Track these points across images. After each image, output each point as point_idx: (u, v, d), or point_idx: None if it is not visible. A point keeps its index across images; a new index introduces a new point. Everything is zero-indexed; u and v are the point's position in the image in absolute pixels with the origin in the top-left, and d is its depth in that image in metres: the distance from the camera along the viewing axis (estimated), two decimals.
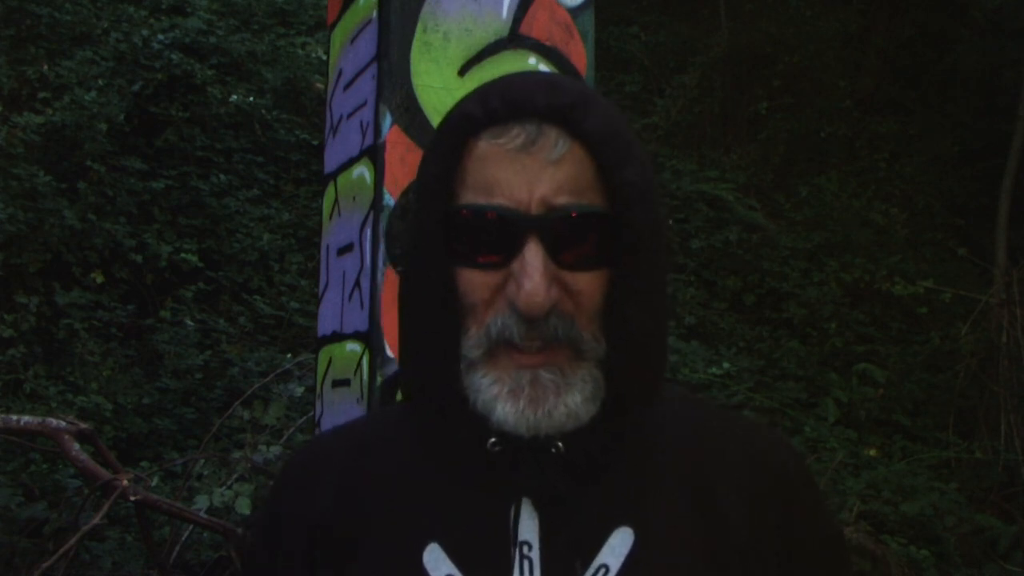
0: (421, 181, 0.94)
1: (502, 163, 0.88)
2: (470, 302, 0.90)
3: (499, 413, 0.88)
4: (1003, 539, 5.42)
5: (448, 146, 0.91)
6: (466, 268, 0.90)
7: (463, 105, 0.93)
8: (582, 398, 0.89)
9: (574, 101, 0.89)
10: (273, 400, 4.97)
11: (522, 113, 0.89)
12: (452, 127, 0.92)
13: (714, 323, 7.79)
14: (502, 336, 0.88)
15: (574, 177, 0.88)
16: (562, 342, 0.88)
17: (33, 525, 4.44)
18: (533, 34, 2.40)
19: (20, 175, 6.29)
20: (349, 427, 1.10)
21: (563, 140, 0.88)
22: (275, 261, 7.22)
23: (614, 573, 0.89)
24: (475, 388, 0.89)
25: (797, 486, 1.01)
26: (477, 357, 0.89)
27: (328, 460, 1.03)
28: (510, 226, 0.87)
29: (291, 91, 8.09)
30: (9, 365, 5.92)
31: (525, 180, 0.87)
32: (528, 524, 0.90)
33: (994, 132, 9.24)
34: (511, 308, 0.87)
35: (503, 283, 0.88)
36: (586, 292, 0.89)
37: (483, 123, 0.89)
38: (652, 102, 9.74)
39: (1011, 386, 6.72)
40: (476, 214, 0.88)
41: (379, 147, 2.27)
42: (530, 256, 0.86)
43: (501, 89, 0.91)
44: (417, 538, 0.92)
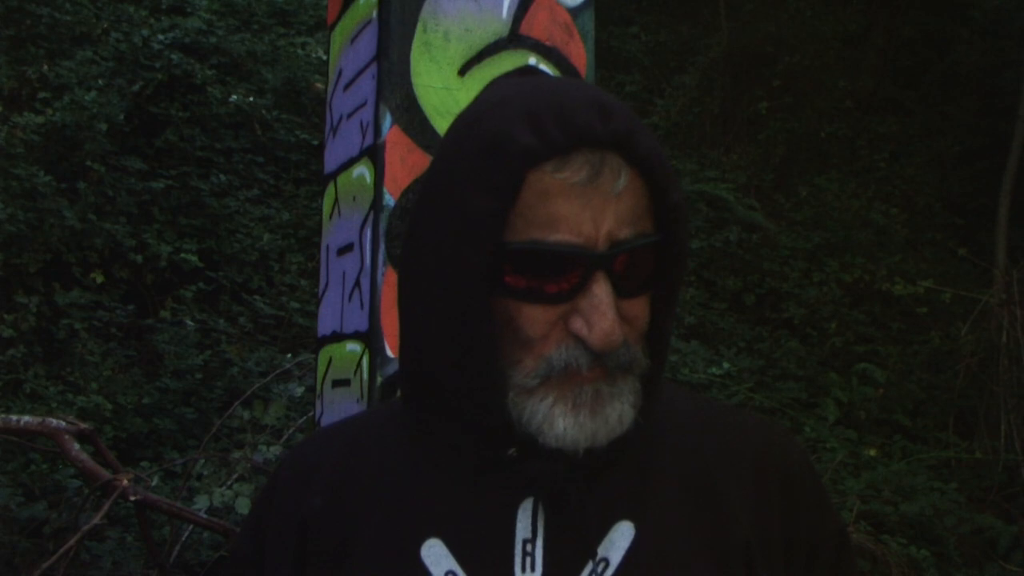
0: (461, 211, 0.87)
1: (566, 197, 0.85)
2: (524, 335, 0.88)
3: (559, 427, 0.87)
4: (1003, 539, 5.42)
5: (503, 180, 0.85)
6: (523, 303, 0.88)
7: (512, 131, 0.85)
8: (630, 405, 0.90)
9: (630, 127, 0.87)
10: (273, 400, 4.98)
11: (583, 143, 0.85)
12: (504, 157, 0.85)
13: (714, 323, 7.79)
14: (569, 368, 0.87)
15: (632, 207, 0.88)
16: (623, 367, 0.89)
17: (33, 525, 4.44)
18: (533, 34, 2.40)
19: (20, 175, 6.30)
20: (344, 424, 1.10)
21: (624, 170, 0.87)
22: (275, 261, 7.22)
23: (614, 567, 0.89)
24: (531, 410, 0.88)
25: (801, 482, 1.01)
26: (534, 385, 0.88)
27: (323, 457, 1.02)
28: (578, 263, 0.86)
29: (291, 91, 8.09)
30: (9, 365, 5.92)
31: (591, 216, 0.85)
32: (530, 521, 0.90)
33: (994, 132, 9.24)
34: (576, 341, 0.87)
35: (563, 316, 0.87)
36: (640, 316, 0.90)
37: (542, 156, 0.85)
38: (652, 102, 9.74)
39: (1011, 386, 6.72)
40: (543, 252, 0.86)
41: (379, 147, 2.27)
42: (601, 293, 0.85)
43: (552, 112, 0.86)
44: (415, 533, 0.92)
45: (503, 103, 0.90)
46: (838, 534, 1.04)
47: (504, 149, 0.85)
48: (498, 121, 0.87)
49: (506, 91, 0.92)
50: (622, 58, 10.05)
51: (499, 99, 0.91)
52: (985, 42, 10.02)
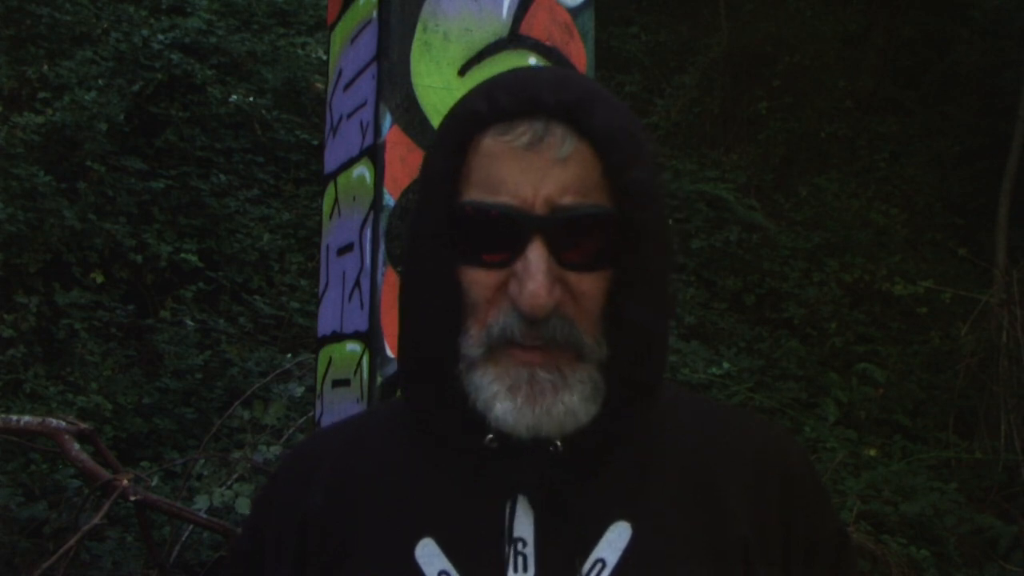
0: (425, 177, 0.93)
1: (508, 160, 0.87)
2: (472, 301, 0.89)
3: (498, 411, 0.87)
4: (1003, 539, 5.42)
5: (453, 142, 0.89)
6: (469, 266, 0.89)
7: (470, 100, 0.92)
8: (580, 398, 0.88)
9: (581, 98, 0.88)
10: (273, 400, 4.98)
11: (530, 110, 0.87)
12: (458, 122, 0.91)
13: (714, 323, 7.79)
14: (503, 335, 0.87)
15: (580, 176, 0.87)
16: (561, 344, 0.87)
17: (33, 525, 4.44)
18: (533, 34, 2.40)
19: (20, 175, 6.30)
20: (345, 424, 1.10)
21: (570, 138, 0.87)
22: (275, 261, 7.22)
23: (611, 567, 0.89)
24: (475, 387, 0.89)
25: (801, 481, 1.00)
26: (477, 356, 0.88)
27: (322, 456, 1.02)
28: (514, 225, 0.86)
29: (291, 91, 8.09)
30: (9, 365, 5.92)
31: (531, 179, 0.86)
32: (523, 521, 0.90)
33: (994, 132, 9.24)
34: (513, 308, 0.86)
35: (506, 282, 0.87)
36: (589, 293, 0.88)
37: (489, 119, 0.88)
38: (652, 102, 9.74)
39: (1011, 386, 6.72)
40: (480, 211, 0.87)
41: (379, 147, 2.27)
42: (533, 256, 0.85)
43: (509, 85, 0.90)
44: (410, 533, 0.92)
45: (480, 84, 0.95)
46: (838, 534, 1.03)
47: (458, 115, 0.92)
48: (465, 96, 0.94)
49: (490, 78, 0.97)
50: (622, 58, 10.05)
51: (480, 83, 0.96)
52: (985, 42, 10.02)
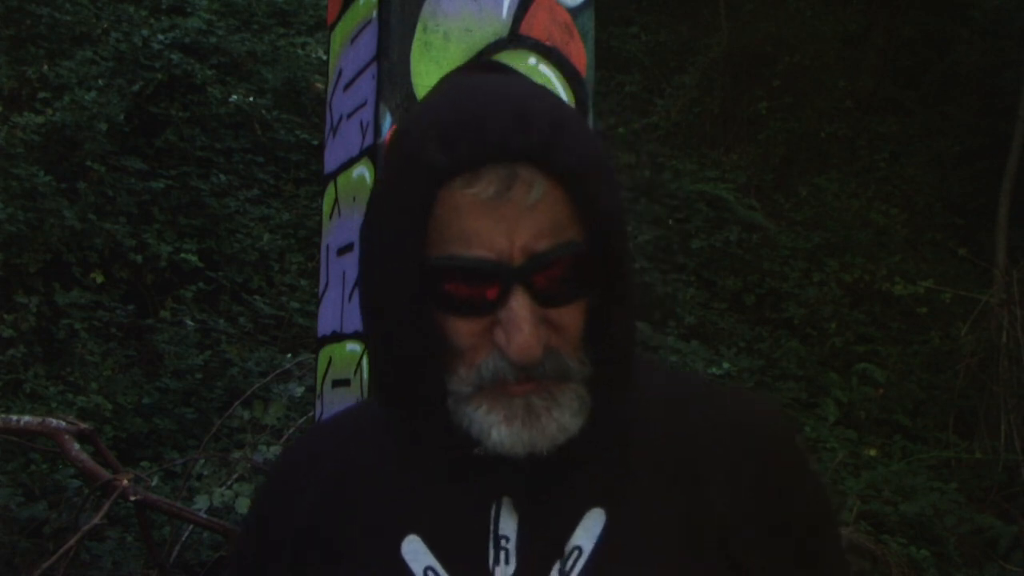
0: (385, 231, 0.89)
1: (476, 213, 0.85)
2: (456, 345, 0.89)
3: (495, 438, 0.88)
4: (1003, 539, 5.43)
5: (416, 199, 0.86)
6: (451, 316, 0.88)
7: (423, 146, 0.85)
8: (570, 414, 0.89)
9: (547, 139, 0.85)
10: (273, 400, 4.98)
11: (492, 157, 0.84)
12: (416, 177, 0.85)
13: (714, 323, 7.79)
14: (495, 377, 0.88)
15: (551, 218, 0.86)
16: (551, 375, 0.89)
17: (33, 525, 4.44)
18: (533, 34, 2.40)
19: (20, 175, 6.29)
20: (341, 417, 1.11)
21: (538, 182, 0.85)
22: (275, 261, 7.22)
23: (587, 554, 0.90)
24: (468, 418, 0.90)
25: (780, 457, 0.99)
26: (468, 393, 0.89)
27: (320, 452, 1.04)
28: (494, 278, 0.85)
29: (291, 91, 8.09)
30: (9, 365, 5.92)
31: (504, 230, 0.84)
32: (507, 519, 0.92)
33: (994, 132, 9.24)
34: (500, 352, 0.87)
35: (489, 327, 0.88)
36: (570, 325, 0.89)
37: (451, 172, 0.85)
38: (652, 102, 9.74)
39: (1011, 386, 6.72)
40: (456, 268, 0.86)
41: (379, 147, 2.27)
42: (517, 307, 0.85)
43: (465, 129, 0.85)
44: (396, 530, 0.94)
45: (422, 115, 0.90)
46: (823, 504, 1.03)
47: (416, 168, 0.86)
48: (414, 137, 0.87)
49: (431, 102, 0.92)
50: (622, 58, 10.05)
51: (421, 111, 0.91)
52: (985, 42, 10.02)
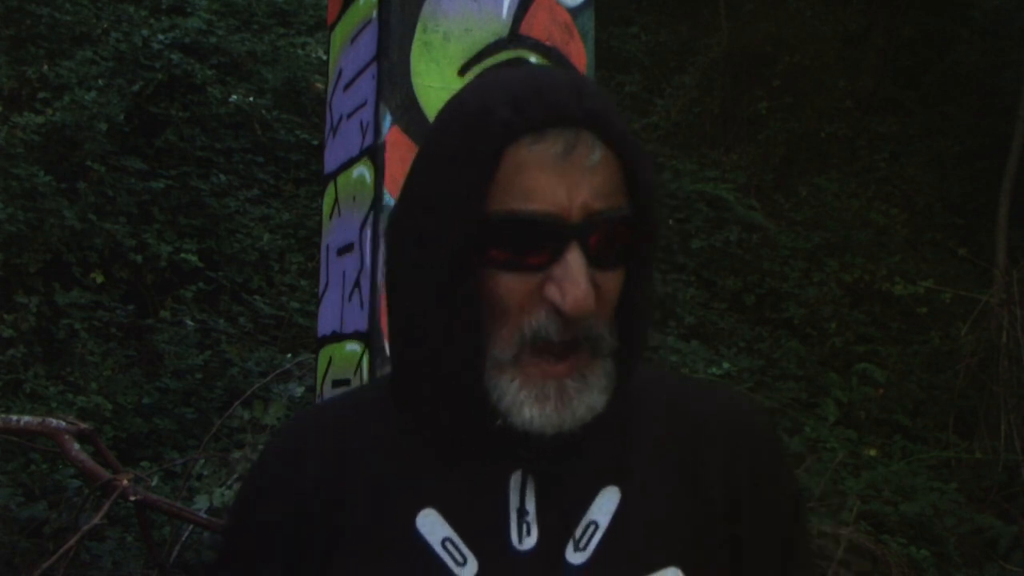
0: (443, 186, 0.92)
1: (541, 170, 0.90)
2: (503, 306, 0.91)
3: (525, 415, 0.91)
4: (1003, 539, 5.43)
5: (483, 153, 0.90)
6: (503, 272, 0.91)
7: (491, 107, 0.91)
8: (599, 392, 0.93)
9: (603, 105, 0.92)
10: (273, 400, 4.98)
11: (559, 119, 0.90)
12: (486, 132, 0.91)
13: (714, 323, 7.79)
14: (538, 336, 0.90)
15: (607, 181, 0.91)
16: (585, 342, 0.92)
17: (33, 525, 4.44)
18: (533, 34, 2.40)
19: (20, 175, 6.29)
20: (331, 403, 1.11)
21: (597, 146, 0.91)
22: (275, 261, 7.22)
23: (603, 529, 0.94)
24: (501, 390, 0.92)
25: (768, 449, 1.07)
26: (507, 360, 0.92)
27: (312, 435, 1.04)
28: (553, 232, 0.89)
29: (291, 91, 8.09)
30: (9, 365, 5.92)
31: (565, 187, 0.89)
32: (526, 492, 0.94)
33: (994, 132, 9.24)
34: (548, 309, 0.90)
35: (539, 286, 0.91)
36: (611, 290, 0.93)
37: (521, 131, 0.90)
38: (652, 102, 9.74)
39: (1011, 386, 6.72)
40: (518, 220, 0.90)
41: (379, 147, 2.27)
42: (574, 262, 0.89)
43: (532, 93, 0.91)
44: (410, 504, 0.95)
45: (484, 86, 0.96)
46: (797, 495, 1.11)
47: (485, 125, 0.91)
48: (480, 101, 0.93)
49: (488, 78, 0.99)
50: (622, 58, 10.05)
51: (480, 84, 0.98)
52: (985, 42, 10.02)
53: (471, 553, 0.93)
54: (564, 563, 0.93)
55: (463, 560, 0.92)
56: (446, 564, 0.92)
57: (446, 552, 0.93)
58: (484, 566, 0.92)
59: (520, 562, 0.92)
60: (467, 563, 0.92)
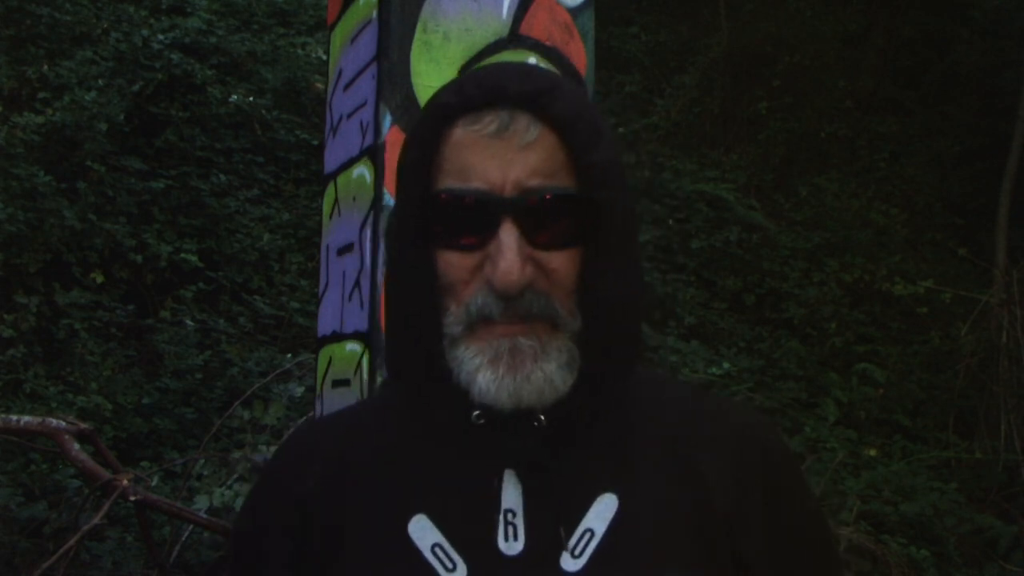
0: (400, 168, 0.98)
1: (477, 148, 0.92)
2: (449, 282, 0.94)
3: (480, 383, 0.91)
4: (1003, 539, 5.42)
5: (426, 134, 0.95)
6: (445, 250, 0.94)
7: (440, 94, 0.97)
8: (556, 365, 0.92)
9: (543, 87, 0.94)
10: (273, 400, 4.98)
11: (495, 100, 0.93)
12: (430, 115, 0.96)
13: (714, 323, 7.79)
14: (481, 313, 0.92)
15: (545, 160, 0.93)
16: (538, 317, 0.92)
17: (33, 525, 4.44)
18: (533, 34, 2.40)
19: (20, 175, 6.29)
20: (339, 414, 1.13)
21: (534, 125, 0.92)
22: (275, 261, 7.22)
23: (599, 536, 0.93)
24: (458, 361, 0.93)
25: (781, 459, 1.06)
26: (459, 333, 0.93)
27: (316, 444, 1.06)
28: (486, 208, 0.91)
29: (291, 91, 8.09)
30: (9, 365, 5.92)
31: (499, 164, 0.92)
32: (512, 492, 0.94)
33: (994, 132, 9.24)
34: (488, 287, 0.91)
35: (480, 264, 0.92)
36: (560, 270, 0.93)
37: (459, 111, 0.94)
38: (652, 102, 9.74)
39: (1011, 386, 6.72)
40: (453, 198, 0.92)
41: (379, 147, 2.27)
42: (505, 236, 0.90)
43: (477, 77, 0.95)
44: (402, 511, 0.95)
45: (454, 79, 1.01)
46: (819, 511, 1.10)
47: (429, 108, 0.97)
48: (438, 91, 0.99)
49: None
50: (622, 58, 10.05)
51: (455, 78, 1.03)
52: (985, 42, 10.02)
53: (460, 558, 0.93)
54: (558, 570, 0.92)
55: (452, 565, 0.93)
56: (436, 570, 0.92)
57: (436, 558, 0.93)
58: (473, 571, 0.92)
59: (509, 566, 0.92)
60: (456, 568, 0.92)
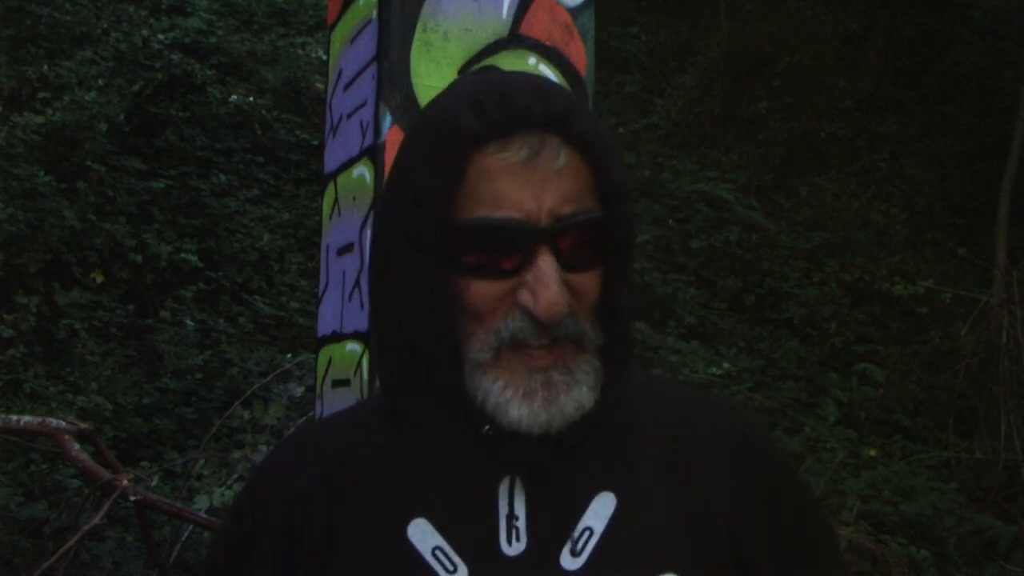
0: (413, 192, 0.92)
1: (507, 175, 0.90)
2: (477, 310, 0.92)
3: (512, 415, 0.91)
4: (1003, 539, 5.42)
5: (449, 160, 0.90)
6: (474, 278, 0.91)
7: (456, 114, 0.91)
8: (587, 388, 0.93)
9: (567, 107, 0.92)
10: (273, 400, 4.97)
11: (522, 124, 0.90)
12: (450, 140, 0.91)
13: (714, 323, 7.79)
14: (515, 339, 0.91)
15: (574, 185, 0.91)
16: (567, 339, 0.92)
17: (33, 525, 4.44)
18: (533, 34, 2.40)
19: (20, 175, 6.29)
20: (335, 417, 1.12)
21: (563, 149, 0.91)
22: (275, 261, 7.22)
23: (598, 534, 0.94)
24: (484, 390, 0.92)
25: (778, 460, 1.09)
26: (486, 360, 0.92)
27: (311, 447, 1.05)
28: (522, 238, 0.90)
29: (291, 91, 8.09)
30: (9, 365, 5.92)
31: (532, 192, 0.90)
32: (515, 497, 0.94)
33: (994, 132, 9.24)
34: (522, 313, 0.90)
35: (511, 290, 0.91)
36: (589, 291, 0.93)
37: (485, 137, 0.90)
38: (652, 102, 9.74)
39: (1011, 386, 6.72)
40: (487, 227, 0.90)
41: (379, 147, 2.27)
42: (545, 267, 0.89)
43: (496, 98, 0.91)
44: (401, 514, 0.95)
45: (452, 92, 0.97)
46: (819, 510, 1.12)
47: (450, 132, 0.91)
48: (445, 107, 0.94)
49: (457, 84, 0.99)
50: (622, 58, 10.05)
51: (449, 90, 0.98)
52: (985, 42, 10.02)
53: (461, 561, 0.93)
54: (559, 568, 0.92)
55: (453, 568, 0.93)
56: (437, 573, 0.92)
57: (437, 561, 0.93)
58: (474, 573, 0.92)
59: (510, 567, 0.92)
60: (457, 571, 0.93)
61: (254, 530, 1.02)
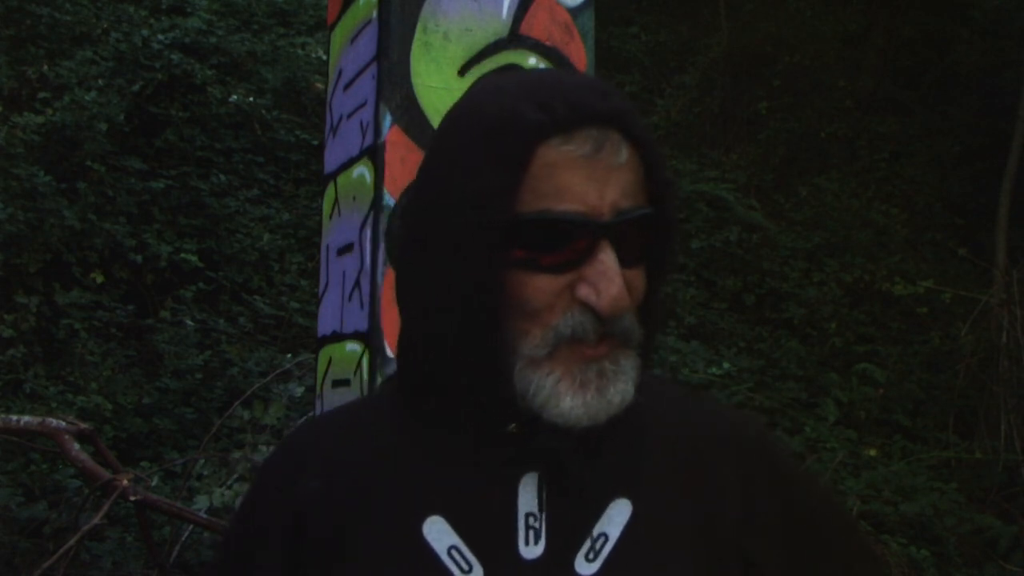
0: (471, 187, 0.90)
1: (571, 169, 0.90)
2: (532, 305, 0.91)
3: (564, 405, 0.91)
4: (1003, 539, 5.42)
5: (514, 154, 0.90)
6: (529, 272, 0.91)
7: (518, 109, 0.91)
8: (631, 383, 0.94)
9: (626, 106, 0.93)
10: (273, 400, 4.98)
11: (585, 119, 0.91)
12: (515, 133, 0.90)
13: (714, 323, 7.79)
14: (575, 334, 0.91)
15: (632, 180, 0.93)
16: (622, 335, 0.93)
17: (33, 525, 4.44)
18: (533, 34, 2.40)
19: (20, 175, 6.29)
20: (338, 412, 1.11)
21: (624, 145, 0.92)
22: (275, 261, 7.22)
23: (613, 541, 0.94)
24: (536, 384, 0.91)
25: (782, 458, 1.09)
26: (541, 356, 0.91)
27: (317, 443, 1.04)
28: (585, 231, 0.90)
29: (291, 91, 8.09)
30: (9, 365, 5.92)
31: (596, 186, 0.90)
32: (533, 497, 0.94)
33: (994, 132, 9.23)
34: (582, 308, 0.90)
35: (569, 285, 0.91)
36: (640, 287, 0.95)
37: (551, 131, 0.90)
38: (652, 102, 9.74)
39: (1011, 386, 6.71)
40: (550, 220, 0.90)
41: (379, 147, 2.27)
42: (608, 260, 0.90)
43: (559, 94, 0.92)
44: (417, 511, 0.94)
45: (503, 89, 0.95)
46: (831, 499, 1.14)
47: (514, 125, 0.90)
48: (504, 103, 0.93)
49: (502, 81, 0.98)
50: (622, 58, 10.05)
51: (497, 88, 0.96)
52: (985, 42, 10.02)
53: (477, 561, 0.92)
54: (574, 573, 0.92)
55: (468, 568, 0.92)
56: (452, 572, 0.92)
57: (452, 560, 0.92)
58: (489, 574, 0.92)
59: (527, 570, 0.92)
60: (473, 570, 0.92)
61: (259, 532, 1.01)
